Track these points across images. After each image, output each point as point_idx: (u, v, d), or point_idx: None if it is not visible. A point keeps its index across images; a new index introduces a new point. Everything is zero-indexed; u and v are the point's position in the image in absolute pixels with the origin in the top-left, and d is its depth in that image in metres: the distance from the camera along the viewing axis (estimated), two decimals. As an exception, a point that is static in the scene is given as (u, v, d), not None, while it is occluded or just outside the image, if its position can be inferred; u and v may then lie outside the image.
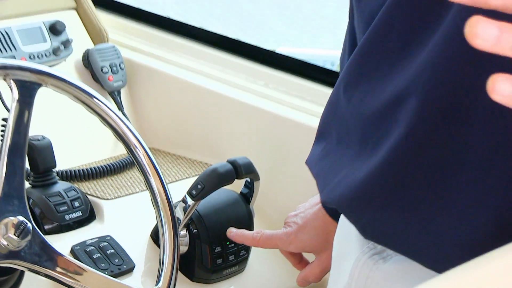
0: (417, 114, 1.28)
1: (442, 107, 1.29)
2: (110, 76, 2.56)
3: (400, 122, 1.31)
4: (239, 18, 11.55)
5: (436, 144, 1.27)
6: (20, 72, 1.80)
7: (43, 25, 2.53)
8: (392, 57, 1.37)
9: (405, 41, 1.36)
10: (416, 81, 1.30)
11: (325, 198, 1.45)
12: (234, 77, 2.54)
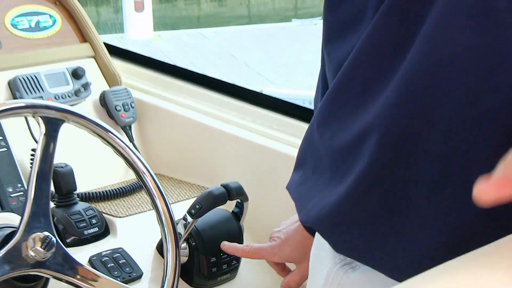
0: (377, 148, 1.29)
1: (397, 143, 1.30)
2: (123, 113, 2.56)
3: (363, 155, 1.32)
4: (232, 64, 11.57)
5: (391, 174, 1.28)
6: (47, 110, 1.81)
7: (67, 71, 2.52)
8: (356, 101, 1.38)
9: (367, 87, 1.36)
10: (376, 121, 1.31)
11: (303, 218, 1.47)
12: (227, 114, 2.54)
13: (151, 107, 2.67)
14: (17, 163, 2.25)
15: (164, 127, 2.65)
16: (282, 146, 2.32)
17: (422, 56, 1.28)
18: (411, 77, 1.29)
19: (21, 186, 2.21)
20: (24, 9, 2.55)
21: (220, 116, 2.54)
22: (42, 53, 2.53)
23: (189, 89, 2.68)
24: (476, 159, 1.25)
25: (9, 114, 1.81)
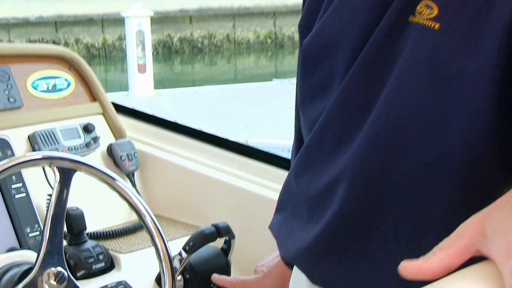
0: (347, 194, 1.31)
1: (364, 188, 1.31)
2: (127, 162, 2.56)
3: (335, 200, 1.33)
4: (221, 117, 11.59)
5: (359, 215, 1.30)
6: (61, 161, 1.81)
7: (79, 126, 2.53)
8: (328, 153, 1.39)
9: (337, 142, 1.37)
10: (346, 170, 1.32)
11: (283, 254, 1.49)
12: (217, 163, 2.54)
13: (151, 157, 2.67)
14: (35, 207, 2.25)
15: (162, 174, 2.65)
16: (264, 191, 2.32)
17: (384, 114, 1.28)
18: (375, 132, 1.30)
19: (38, 226, 2.21)
20: (43, 73, 2.56)
21: (211, 164, 2.55)
22: (58, 111, 2.54)
23: (183, 141, 2.68)
24: (434, 200, 1.26)
25: (29, 165, 1.82)
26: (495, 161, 1.23)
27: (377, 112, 1.30)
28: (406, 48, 1.28)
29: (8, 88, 2.46)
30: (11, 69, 2.49)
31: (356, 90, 1.35)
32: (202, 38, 20.64)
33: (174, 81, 16.57)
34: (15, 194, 2.25)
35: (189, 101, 12.69)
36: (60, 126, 2.50)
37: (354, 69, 1.36)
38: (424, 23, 1.26)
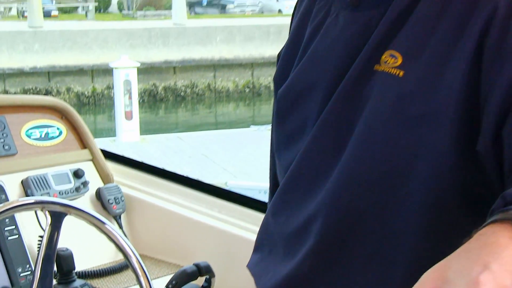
0: (321, 230, 1.32)
1: (337, 225, 1.32)
2: (114, 205, 2.55)
3: (310, 236, 1.33)
4: (203, 161, 11.58)
5: (333, 250, 1.31)
6: (52, 205, 1.80)
7: (70, 172, 2.52)
8: (303, 194, 1.40)
9: (311, 183, 1.38)
10: (320, 209, 1.33)
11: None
12: (198, 206, 2.53)
13: (137, 200, 2.66)
14: (26, 248, 2.24)
15: (147, 217, 2.64)
16: (242, 232, 2.31)
17: (354, 156, 1.30)
18: (346, 174, 1.31)
19: (29, 267, 2.19)
20: (36, 123, 2.56)
21: (193, 207, 2.54)
22: (50, 158, 2.53)
23: (167, 186, 2.67)
24: (401, 235, 1.26)
25: (22, 209, 1.81)
26: (457, 200, 1.24)
27: (348, 154, 1.31)
28: (372, 94, 1.29)
29: (3, 136, 2.45)
30: (7, 118, 2.49)
31: (327, 134, 1.36)
32: (185, 87, 20.68)
33: (158, 127, 16.56)
34: (8, 236, 2.23)
35: (172, 146, 12.68)
36: (52, 172, 2.49)
37: (325, 115, 1.37)
38: (389, 71, 1.27)
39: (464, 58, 1.20)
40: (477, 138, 1.19)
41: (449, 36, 1.23)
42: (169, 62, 20.58)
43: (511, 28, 1.17)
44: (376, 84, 1.29)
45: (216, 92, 20.91)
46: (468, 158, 1.21)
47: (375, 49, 1.31)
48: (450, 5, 1.25)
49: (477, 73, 1.19)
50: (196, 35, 21.22)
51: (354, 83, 1.32)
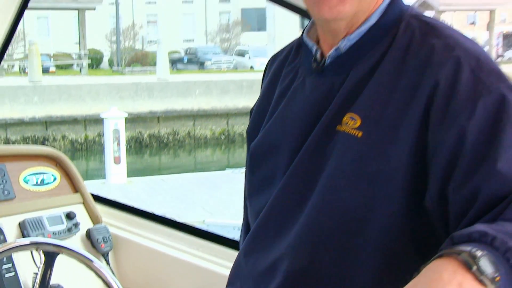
0: (288, 270, 1.33)
1: (301, 266, 1.32)
2: (102, 244, 2.52)
3: (278, 275, 1.34)
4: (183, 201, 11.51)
5: None
6: (46, 246, 1.78)
7: (62, 214, 2.51)
8: (272, 237, 1.39)
9: (279, 227, 1.38)
10: (287, 251, 1.33)
11: None
12: (178, 244, 2.52)
13: (123, 239, 2.64)
14: (22, 284, 2.21)
15: (132, 254, 2.62)
16: (218, 268, 2.29)
17: (317, 206, 1.30)
18: (309, 221, 1.31)
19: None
20: (33, 170, 2.55)
21: (174, 246, 2.52)
22: (45, 202, 2.52)
23: (150, 226, 2.65)
24: (359, 279, 1.27)
25: (18, 250, 1.80)
26: (408, 247, 1.25)
27: (312, 204, 1.32)
28: (334, 152, 1.30)
29: (3, 183, 2.43)
30: (7, 166, 2.47)
31: (294, 186, 1.37)
32: (167, 134, 20.67)
33: (144, 170, 16.48)
34: (5, 274, 2.20)
35: (156, 188, 12.62)
36: (47, 214, 2.47)
37: (292, 169, 1.37)
38: (349, 132, 1.28)
39: (413, 123, 1.22)
40: (425, 193, 1.21)
41: (401, 103, 1.24)
42: (153, 113, 20.59)
43: (451, 97, 1.19)
44: (337, 143, 1.30)
45: (195, 139, 20.93)
46: (417, 211, 1.22)
47: (337, 111, 1.32)
48: (402, 76, 1.27)
49: (424, 137, 1.21)
50: (178, 88, 21.29)
51: (318, 141, 1.33)
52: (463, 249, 0.96)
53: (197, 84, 21.73)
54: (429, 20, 1.34)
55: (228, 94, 21.34)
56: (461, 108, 1.18)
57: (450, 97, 1.19)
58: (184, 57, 36.29)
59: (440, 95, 1.20)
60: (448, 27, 1.32)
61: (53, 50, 32.86)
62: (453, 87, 1.20)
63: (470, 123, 1.16)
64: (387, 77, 1.29)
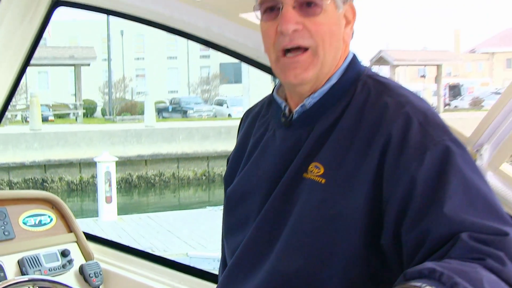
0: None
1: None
2: (94, 279, 2.49)
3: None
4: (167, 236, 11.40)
5: None
6: (42, 282, 1.76)
7: (58, 252, 2.48)
8: (246, 273, 1.39)
9: (252, 265, 1.38)
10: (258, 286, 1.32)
11: None
12: (163, 278, 2.49)
13: (113, 273, 2.60)
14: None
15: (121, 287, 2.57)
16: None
17: (285, 246, 1.31)
18: (279, 259, 1.32)
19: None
20: (32, 212, 2.53)
21: (158, 279, 2.49)
22: (42, 241, 2.49)
23: (137, 261, 2.62)
24: None
25: (17, 287, 1.76)
26: (367, 282, 1.25)
27: (281, 243, 1.32)
28: (301, 196, 1.31)
29: (4, 224, 2.41)
30: (8, 209, 2.46)
31: (265, 228, 1.37)
32: (154, 176, 20.57)
33: (133, 208, 16.34)
34: (6, 307, 2.15)
35: (143, 224, 12.50)
36: (43, 252, 2.44)
37: (264, 212, 1.37)
38: (314, 179, 1.29)
39: (370, 171, 1.23)
40: (381, 234, 1.21)
41: (359, 153, 1.26)
42: (141, 156, 20.52)
43: (403, 149, 1.21)
44: (304, 188, 1.31)
45: (179, 180, 20.85)
46: (375, 249, 1.23)
47: (303, 161, 1.33)
48: (360, 129, 1.29)
49: (379, 184, 1.22)
50: (163, 134, 21.28)
51: (287, 188, 1.34)
52: (415, 285, 0.96)
53: (181, 130, 21.74)
54: (383, 79, 1.37)
55: (208, 139, 21.36)
56: (411, 159, 1.20)
57: (402, 149, 1.21)
58: (169, 107, 36.33)
59: (393, 146, 1.22)
60: (399, 86, 1.34)
61: (52, 101, 32.71)
62: (404, 140, 1.22)
63: (419, 172, 1.18)
64: (346, 130, 1.30)
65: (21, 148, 19.42)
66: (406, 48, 37.50)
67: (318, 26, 1.31)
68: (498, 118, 1.47)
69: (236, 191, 1.50)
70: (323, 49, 1.32)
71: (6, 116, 23.84)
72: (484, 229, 1.10)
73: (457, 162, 1.18)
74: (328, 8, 1.31)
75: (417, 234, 1.14)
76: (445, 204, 1.13)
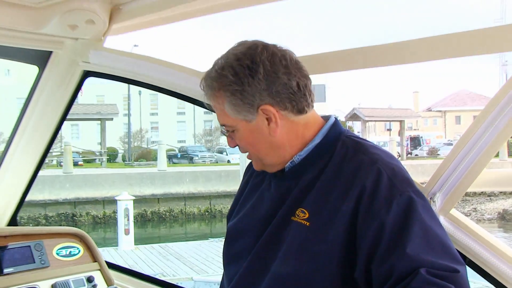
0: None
1: None
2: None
3: None
4: (176, 263, 11.23)
5: None
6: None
7: (84, 278, 2.45)
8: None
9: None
10: None
11: None
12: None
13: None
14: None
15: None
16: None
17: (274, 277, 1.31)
18: (270, 286, 1.30)
19: None
20: (63, 244, 2.50)
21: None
22: (71, 269, 2.46)
23: (149, 287, 2.58)
24: None
25: None
26: None
27: (271, 275, 1.32)
28: (289, 236, 1.31)
29: (41, 254, 2.39)
30: (44, 242, 2.44)
31: (258, 261, 1.37)
32: (165, 211, 20.42)
33: (147, 239, 16.14)
34: (39, 325, 2.11)
35: (156, 253, 12.35)
36: (72, 278, 2.41)
37: (257, 248, 1.37)
38: (300, 222, 1.30)
39: (346, 216, 1.24)
40: (355, 268, 1.21)
41: (338, 200, 1.27)
42: (154, 195, 20.41)
43: (374, 197, 1.23)
44: (291, 229, 1.31)
45: (186, 215, 20.69)
46: (349, 281, 1.23)
47: (292, 206, 1.33)
48: (339, 181, 1.30)
49: (354, 227, 1.23)
50: (173, 177, 21.19)
51: (277, 228, 1.34)
52: None
53: (187, 174, 21.67)
54: (359, 139, 1.38)
55: (210, 182, 21.28)
56: (381, 206, 1.21)
57: (373, 197, 1.22)
58: (178, 154, 36.27)
59: (366, 195, 1.23)
60: (373, 146, 1.36)
61: (81, 148, 32.62)
62: (375, 190, 1.23)
63: (387, 217, 1.19)
64: (328, 181, 1.31)
65: (55, 187, 19.34)
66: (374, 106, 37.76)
67: (240, 141, 1.36)
68: (448, 171, 1.48)
69: (235, 227, 1.50)
70: (258, 152, 1.36)
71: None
72: (439, 266, 1.11)
73: (418, 210, 1.20)
74: (238, 126, 1.34)
75: (385, 269, 1.15)
76: (408, 245, 1.14)
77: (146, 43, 55.45)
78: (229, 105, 1.30)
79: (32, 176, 2.57)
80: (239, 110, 1.30)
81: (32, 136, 2.45)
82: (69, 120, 29.95)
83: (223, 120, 1.34)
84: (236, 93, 1.29)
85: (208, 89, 1.33)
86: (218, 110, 1.34)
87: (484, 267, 1.45)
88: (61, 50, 2.21)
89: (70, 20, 1.96)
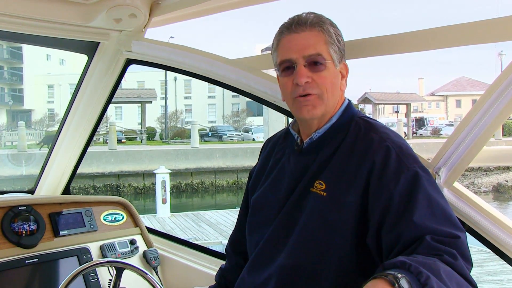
0: (276, 283, 1.32)
1: (284, 283, 1.31)
2: (153, 261, 2.49)
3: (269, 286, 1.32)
4: (207, 229, 11.34)
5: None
6: (116, 264, 1.76)
7: (127, 241, 2.49)
8: (266, 261, 1.40)
9: (270, 254, 1.37)
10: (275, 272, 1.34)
11: None
12: (205, 263, 2.45)
13: (167, 258, 2.58)
14: (101, 286, 2.17)
15: (173, 268, 2.54)
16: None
17: (295, 242, 1.31)
18: (290, 252, 1.31)
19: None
20: (109, 211, 2.53)
21: (201, 263, 2.45)
22: (116, 233, 2.50)
23: (185, 249, 2.59)
24: None
25: (99, 266, 1.78)
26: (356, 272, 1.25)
27: (292, 240, 1.32)
28: (308, 206, 1.31)
29: (90, 220, 2.43)
30: (93, 209, 2.47)
31: (281, 228, 1.37)
32: (197, 184, 20.58)
33: (181, 207, 16.33)
34: (91, 279, 2.18)
35: (189, 219, 12.50)
36: (117, 241, 2.45)
37: (280, 216, 1.38)
38: (318, 193, 1.30)
39: (359, 188, 1.24)
40: (367, 235, 1.21)
41: (351, 174, 1.27)
42: (188, 169, 20.56)
43: (383, 172, 1.22)
44: (310, 200, 1.31)
45: (216, 187, 20.84)
46: (361, 246, 1.23)
47: (310, 179, 1.33)
48: (352, 157, 1.29)
49: (366, 197, 1.22)
50: (204, 153, 21.30)
51: (298, 199, 1.34)
52: (389, 273, 0.97)
53: (217, 150, 21.76)
54: (370, 120, 1.38)
55: (237, 157, 21.34)
56: (389, 180, 1.20)
57: (383, 173, 1.21)
58: (209, 133, 36.36)
59: (376, 170, 1.23)
60: (382, 126, 1.35)
61: (124, 128, 32.98)
62: (384, 166, 1.22)
63: (395, 190, 1.18)
64: (342, 157, 1.31)
65: (101, 162, 19.61)
66: (384, 91, 37.31)
67: (322, 79, 1.33)
68: (451, 148, 1.47)
69: (259, 199, 1.51)
70: (327, 95, 1.34)
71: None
72: (442, 233, 1.11)
73: (423, 183, 1.19)
74: (329, 65, 1.33)
75: (393, 236, 1.15)
76: (414, 214, 1.14)
77: (181, 35, 55.42)
78: (331, 45, 1.34)
79: (82, 152, 2.61)
80: (336, 53, 1.35)
81: (82, 117, 2.49)
82: (114, 103, 30.22)
83: (320, 49, 1.33)
84: (338, 42, 1.35)
85: (319, 20, 1.34)
86: (319, 40, 1.33)
87: (482, 233, 1.46)
88: (107, 41, 2.23)
89: (115, 15, 1.98)
